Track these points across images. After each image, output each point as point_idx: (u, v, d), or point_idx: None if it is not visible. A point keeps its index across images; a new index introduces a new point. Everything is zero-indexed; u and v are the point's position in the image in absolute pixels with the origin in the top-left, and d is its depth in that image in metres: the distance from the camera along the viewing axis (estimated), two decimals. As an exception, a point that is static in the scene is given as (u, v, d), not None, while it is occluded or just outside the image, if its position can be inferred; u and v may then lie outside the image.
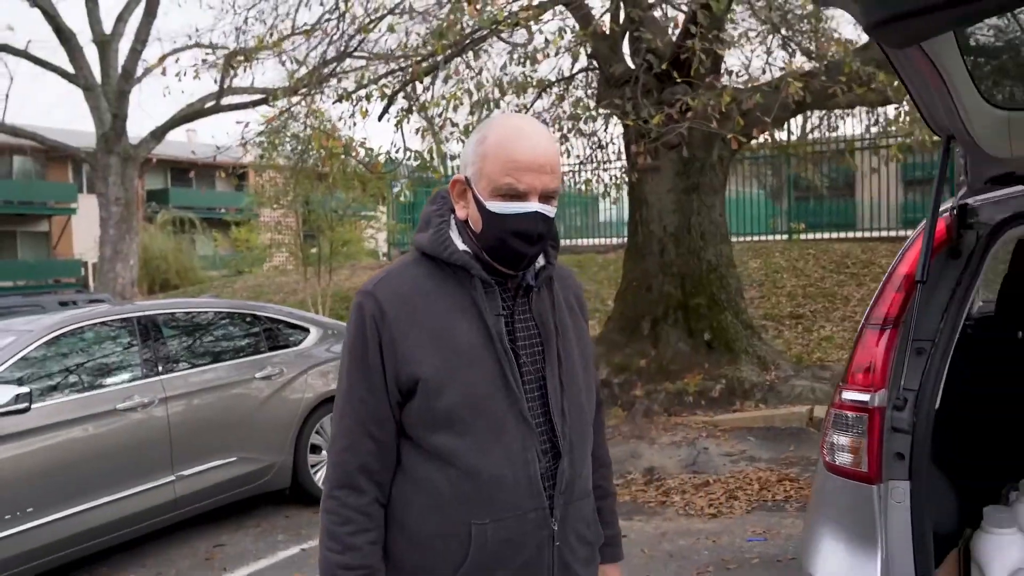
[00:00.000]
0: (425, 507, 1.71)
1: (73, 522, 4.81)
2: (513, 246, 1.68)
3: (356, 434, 1.71)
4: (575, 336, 1.82)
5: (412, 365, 1.66)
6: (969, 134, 2.13)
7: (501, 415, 1.68)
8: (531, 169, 1.65)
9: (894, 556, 1.98)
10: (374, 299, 1.70)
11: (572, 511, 1.76)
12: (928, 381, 2.01)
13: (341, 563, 1.70)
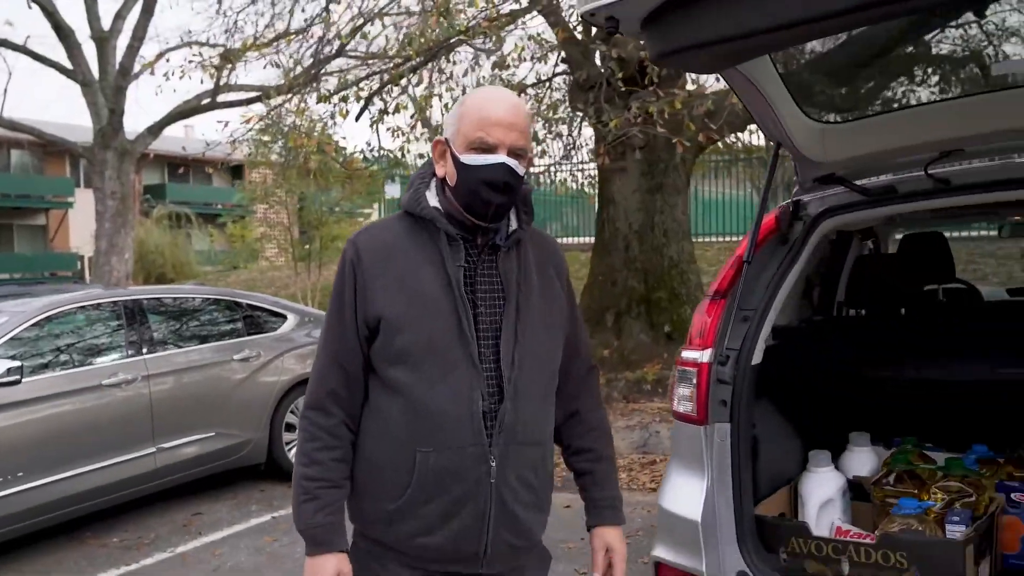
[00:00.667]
0: (379, 434, 1.88)
1: (60, 487, 5.19)
2: (483, 195, 1.82)
3: (329, 364, 1.91)
4: (544, 298, 1.94)
5: (377, 305, 1.85)
6: (793, 143, 2.58)
7: (452, 356, 1.83)
8: (500, 125, 1.81)
9: (717, 484, 2.43)
10: (354, 246, 1.90)
11: (513, 453, 1.86)
12: (747, 342, 2.45)
13: (307, 475, 1.88)
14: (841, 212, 2.63)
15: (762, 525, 2.50)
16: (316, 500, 1.87)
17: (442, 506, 1.84)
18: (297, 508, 1.90)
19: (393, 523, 1.88)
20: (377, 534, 1.92)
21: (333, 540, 1.88)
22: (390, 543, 1.90)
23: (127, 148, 16.20)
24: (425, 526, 1.86)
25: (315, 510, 1.86)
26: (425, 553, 1.88)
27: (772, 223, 2.65)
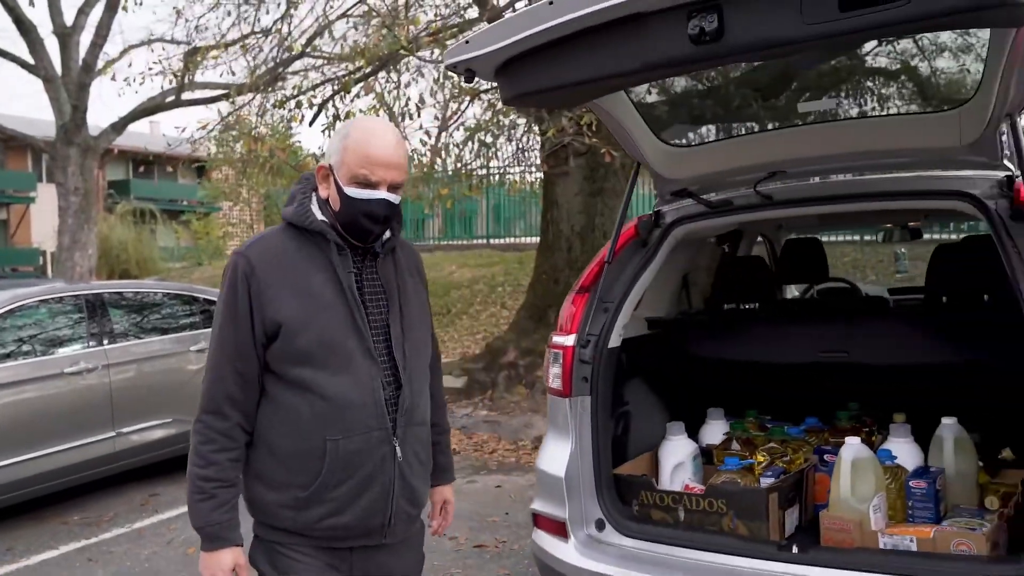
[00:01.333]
0: (288, 428, 2.01)
1: (24, 467, 5.58)
2: (363, 224, 2.01)
3: (224, 369, 2.00)
4: (414, 295, 2.17)
5: (275, 311, 1.98)
6: (649, 163, 3.09)
7: (351, 352, 2.00)
8: (382, 165, 1.98)
9: (580, 446, 2.93)
10: (246, 258, 2.02)
11: (410, 433, 2.08)
12: (605, 329, 2.96)
13: (203, 475, 1.99)
14: (690, 221, 3.14)
15: (618, 481, 3.01)
16: (213, 499, 1.98)
17: (352, 487, 2.00)
18: (194, 507, 2.01)
19: (303, 509, 2.01)
20: (284, 523, 2.04)
21: (229, 536, 2.00)
22: (298, 529, 2.03)
23: (90, 144, 16.15)
24: (336, 508, 2.01)
25: (212, 508, 1.98)
26: (334, 533, 2.03)
27: (632, 230, 3.16)
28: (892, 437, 2.98)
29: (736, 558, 2.65)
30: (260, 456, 2.05)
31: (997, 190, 2.57)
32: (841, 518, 2.66)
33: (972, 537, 2.47)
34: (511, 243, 17.27)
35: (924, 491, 2.69)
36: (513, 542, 4.96)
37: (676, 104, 3.09)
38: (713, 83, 2.97)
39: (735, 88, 2.98)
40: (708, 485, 2.92)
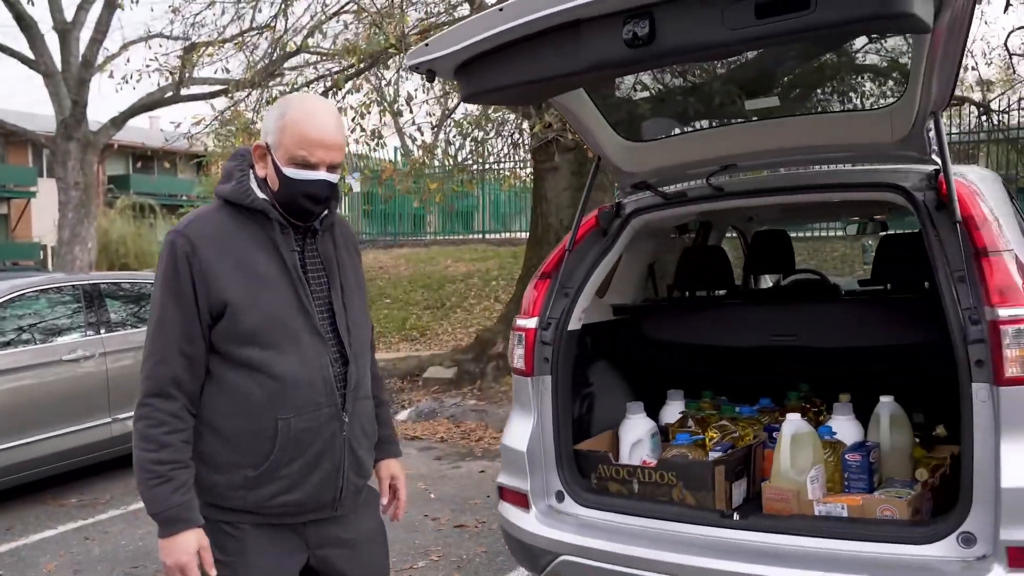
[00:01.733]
0: (236, 409, 1.98)
1: (24, 451, 5.78)
2: (304, 205, 2.00)
3: (168, 351, 1.96)
4: (352, 272, 2.17)
5: (220, 291, 1.95)
6: (609, 157, 3.29)
7: (298, 330, 1.99)
8: (321, 146, 1.96)
9: (542, 423, 3.12)
10: (186, 237, 1.97)
11: (358, 407, 2.10)
12: (565, 313, 3.14)
13: (155, 459, 1.93)
14: (648, 211, 3.33)
15: (578, 456, 3.21)
16: (171, 481, 1.92)
17: (303, 465, 2.00)
18: (149, 492, 1.93)
19: (254, 488, 1.99)
20: (234, 503, 2.01)
21: (190, 517, 1.95)
22: (249, 508, 2.01)
23: (90, 139, 16.27)
24: (287, 485, 2.00)
25: (171, 491, 1.92)
26: (286, 509, 2.03)
27: (593, 220, 3.36)
28: (835, 415, 3.18)
29: (684, 525, 2.85)
30: (205, 438, 2.00)
31: (925, 183, 2.76)
32: (781, 488, 2.85)
33: (896, 504, 2.67)
34: (506, 238, 17.44)
35: (859, 463, 2.88)
36: (492, 522, 5.15)
37: (634, 101, 3.28)
38: (669, 83, 3.16)
39: (690, 87, 3.17)
40: (660, 459, 3.12)
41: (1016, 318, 2.35)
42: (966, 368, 2.40)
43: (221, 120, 10.42)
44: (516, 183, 12.14)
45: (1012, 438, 2.33)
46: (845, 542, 2.57)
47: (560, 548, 2.94)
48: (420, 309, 13.54)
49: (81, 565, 4.76)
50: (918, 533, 2.50)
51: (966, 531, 2.39)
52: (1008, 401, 2.34)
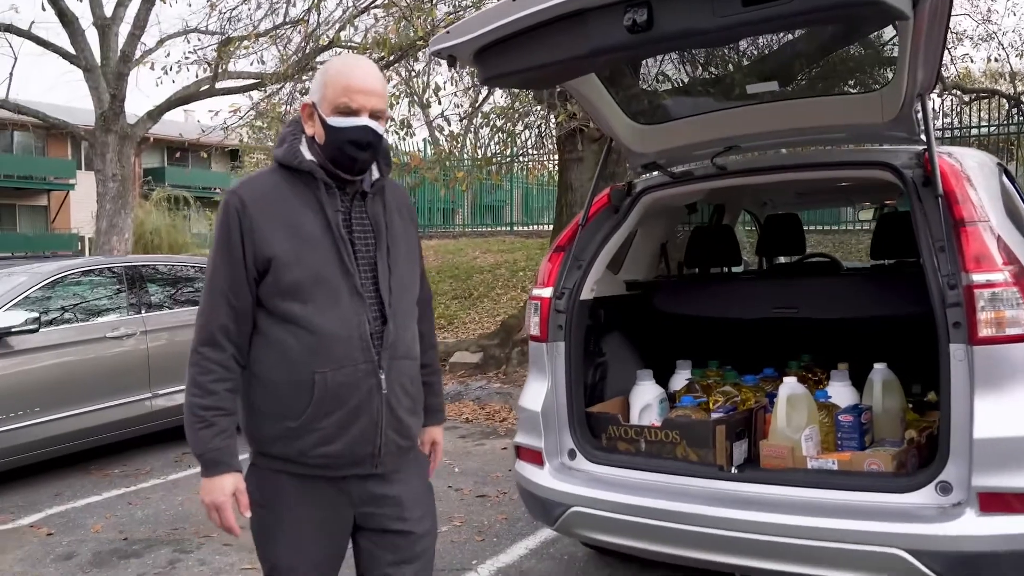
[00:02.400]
0: (278, 361, 2.06)
1: (70, 422, 6.10)
2: (348, 152, 2.05)
3: (218, 303, 2.06)
4: (402, 234, 2.22)
5: (266, 247, 2.04)
6: (620, 139, 3.51)
7: (338, 287, 2.06)
8: (362, 91, 2.04)
9: (556, 385, 3.35)
10: (238, 196, 2.07)
11: (396, 366, 2.13)
12: (578, 283, 3.37)
13: (201, 404, 2.05)
14: (657, 189, 3.55)
15: (590, 417, 3.44)
16: (213, 426, 2.04)
17: (340, 418, 2.06)
18: (194, 435, 2.06)
19: (295, 438, 2.07)
20: (279, 451, 2.10)
21: (230, 461, 2.06)
22: (292, 457, 2.09)
23: (128, 132, 16.61)
24: (325, 437, 2.07)
25: (212, 435, 2.04)
26: (326, 461, 2.09)
27: (605, 198, 3.58)
28: (832, 381, 3.38)
29: (686, 479, 3.07)
30: (254, 389, 2.10)
31: (914, 161, 2.96)
32: (777, 446, 3.07)
33: (881, 457, 2.87)
34: (534, 230, 17.66)
35: (851, 424, 3.08)
36: (513, 493, 5.38)
37: (643, 86, 3.50)
38: (676, 69, 3.37)
39: (695, 73, 3.38)
40: (664, 419, 3.34)
41: (990, 283, 2.54)
42: (944, 330, 2.60)
43: (256, 112, 10.71)
44: (542, 173, 12.33)
45: (984, 394, 2.52)
46: (833, 492, 2.78)
47: (571, 500, 3.17)
48: (448, 299, 13.80)
49: (125, 526, 5.06)
50: (900, 483, 2.71)
51: (943, 480, 2.59)
52: (981, 360, 2.53)
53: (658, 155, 3.57)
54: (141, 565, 4.40)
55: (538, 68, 2.68)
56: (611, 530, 3.10)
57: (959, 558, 2.47)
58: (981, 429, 2.50)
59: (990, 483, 2.48)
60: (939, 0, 2.43)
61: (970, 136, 15.19)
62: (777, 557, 2.74)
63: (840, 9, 2.10)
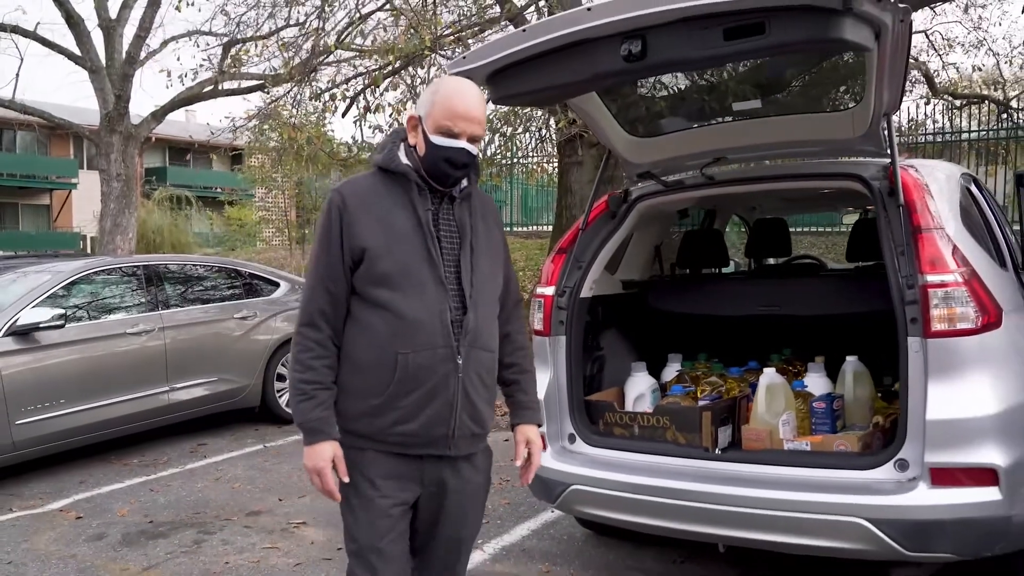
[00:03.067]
0: (366, 343, 2.26)
1: (92, 414, 6.41)
2: (444, 169, 2.27)
3: (318, 288, 2.28)
4: (484, 235, 2.39)
5: (361, 239, 2.24)
6: (618, 150, 3.84)
7: (424, 278, 2.25)
8: (465, 118, 2.25)
9: (558, 375, 3.68)
10: (340, 194, 2.30)
11: (474, 355, 2.29)
12: (579, 282, 3.70)
13: (302, 379, 2.26)
14: (651, 197, 3.88)
15: (588, 405, 3.76)
16: (313, 399, 2.25)
17: (418, 397, 2.23)
18: (296, 407, 2.27)
19: (377, 416, 2.25)
20: (361, 428, 2.28)
21: (328, 430, 2.26)
22: (372, 434, 2.28)
23: (132, 132, 16.76)
24: (404, 415, 2.24)
25: (313, 407, 2.25)
26: (404, 439, 2.27)
27: (604, 204, 3.92)
28: (809, 373, 3.72)
29: (675, 459, 3.40)
30: (344, 369, 2.29)
31: (881, 173, 3.29)
32: (757, 430, 3.40)
33: (848, 439, 3.20)
34: (533, 231, 17.97)
35: (823, 410, 3.41)
36: (515, 480, 5.71)
37: (639, 103, 3.83)
38: (669, 87, 3.70)
39: (687, 91, 3.71)
40: (656, 406, 3.67)
41: (943, 283, 2.87)
42: (903, 325, 2.93)
43: (262, 115, 11.04)
44: (542, 176, 12.67)
45: (937, 381, 2.85)
46: (806, 469, 3.11)
47: (570, 479, 3.49)
48: (449, 298, 14.11)
49: (149, 511, 5.38)
50: (864, 461, 3.04)
51: (901, 458, 2.92)
52: (934, 351, 2.86)
53: (652, 165, 3.91)
54: (168, 544, 4.72)
55: (545, 90, 3.02)
56: (606, 506, 3.42)
57: (912, 525, 2.80)
58: (933, 412, 2.83)
59: (940, 459, 2.80)
60: (899, 33, 2.76)
61: (960, 141, 15.57)
62: (755, 527, 3.06)
63: (809, 44, 2.43)
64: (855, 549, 2.93)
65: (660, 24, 2.59)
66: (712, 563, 4.04)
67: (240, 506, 5.41)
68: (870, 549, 2.89)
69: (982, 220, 3.97)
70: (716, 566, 4.02)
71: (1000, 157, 15.41)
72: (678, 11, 2.51)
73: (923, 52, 15.86)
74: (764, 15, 2.42)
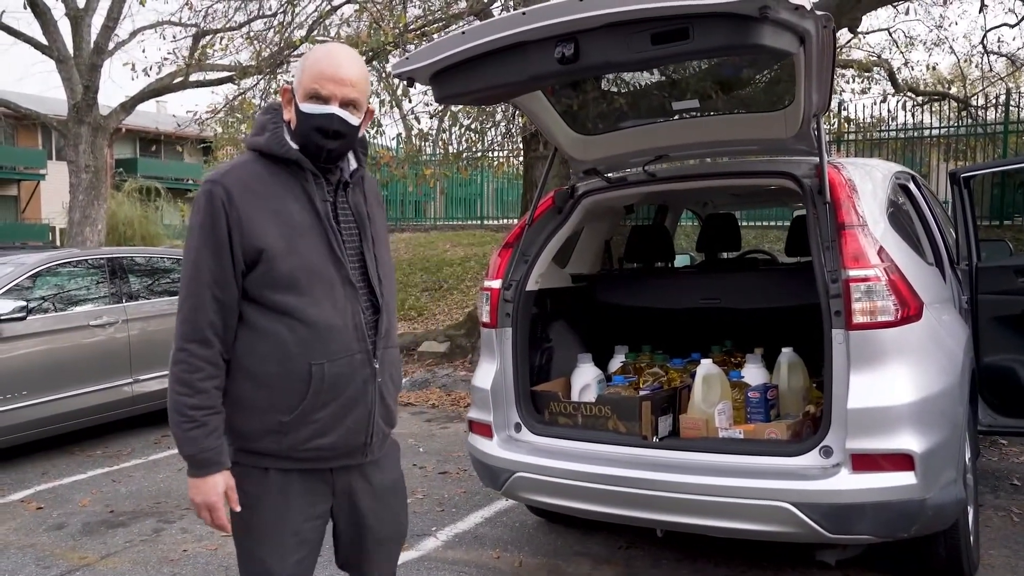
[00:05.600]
0: (269, 353, 2.02)
1: (54, 406, 6.45)
2: (315, 140, 2.03)
3: (203, 296, 1.99)
4: (380, 224, 2.24)
5: (256, 238, 1.99)
6: (563, 148, 3.95)
7: (331, 278, 2.05)
8: (333, 80, 2.01)
9: (504, 367, 3.78)
10: (222, 186, 2.01)
11: (387, 355, 2.17)
12: (525, 275, 3.80)
13: (191, 404, 1.98)
14: (596, 193, 3.99)
15: (534, 395, 3.87)
16: (204, 427, 1.99)
17: (336, 409, 2.06)
18: (184, 436, 2.00)
19: (287, 432, 2.04)
20: (265, 447, 2.06)
21: (221, 459, 2.02)
22: (280, 452, 2.06)
23: (101, 123, 16.63)
24: (320, 429, 2.05)
25: (205, 435, 1.99)
26: (319, 454, 2.08)
27: (550, 200, 4.02)
28: (747, 364, 3.85)
29: (615, 447, 3.52)
30: (240, 384, 2.04)
31: (812, 171, 3.42)
32: (694, 419, 3.53)
33: (779, 428, 3.34)
34: (503, 224, 18.06)
35: (758, 400, 3.55)
36: (471, 471, 5.83)
37: (584, 102, 3.93)
38: (612, 87, 3.81)
39: (628, 91, 3.82)
40: (598, 396, 3.79)
41: (865, 278, 3.01)
42: (828, 317, 3.06)
43: (230, 107, 11.04)
44: (508, 170, 12.77)
45: (858, 371, 2.99)
46: (737, 456, 3.24)
47: (516, 467, 3.61)
48: (418, 291, 14.19)
49: (111, 501, 5.44)
50: (791, 448, 3.17)
51: (826, 445, 3.06)
52: (856, 342, 3.00)
53: (596, 162, 4.02)
54: (128, 533, 4.79)
55: (485, 90, 3.12)
56: (549, 492, 3.54)
57: (833, 509, 2.93)
58: (854, 401, 2.97)
59: (860, 446, 2.94)
60: (823, 39, 2.89)
61: (922, 137, 15.85)
62: (689, 512, 3.19)
63: (730, 49, 2.55)
64: (781, 532, 3.06)
65: (591, 28, 2.70)
66: (654, 548, 4.18)
67: (200, 496, 5.48)
68: (795, 532, 3.02)
69: (917, 217, 4.13)
70: (657, 551, 4.16)
71: (962, 154, 15.69)
72: (606, 16, 2.62)
73: (886, 49, 16.12)
74: (687, 21, 2.54)
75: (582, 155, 4.01)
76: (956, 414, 3.24)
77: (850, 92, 14.88)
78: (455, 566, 4.12)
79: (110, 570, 4.25)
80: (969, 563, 3.48)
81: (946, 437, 3.07)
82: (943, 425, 3.08)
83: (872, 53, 15.97)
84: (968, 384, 3.52)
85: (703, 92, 3.65)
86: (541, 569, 4.07)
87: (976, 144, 15.50)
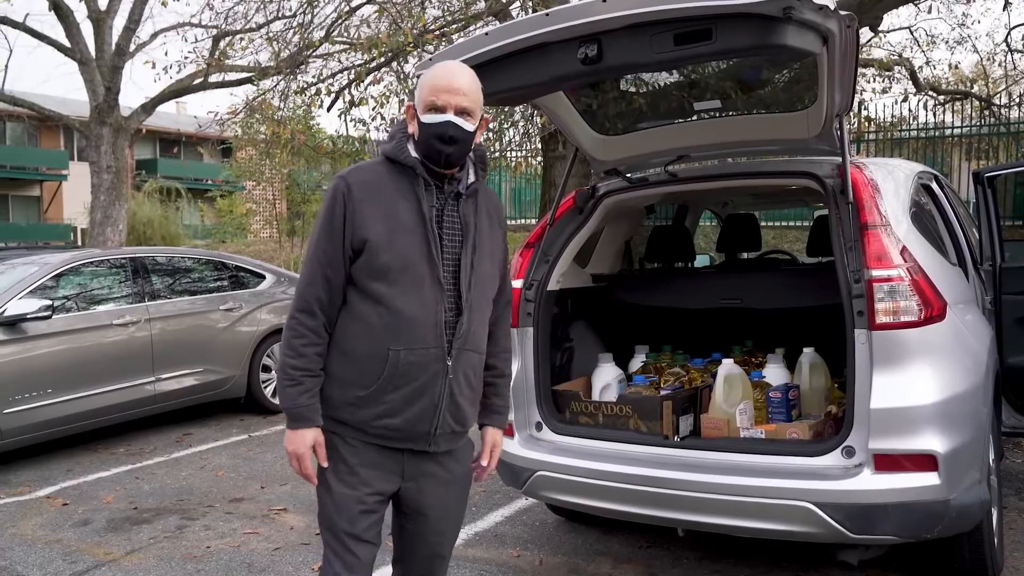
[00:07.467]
0: (359, 334, 2.27)
1: (78, 404, 6.53)
2: (435, 146, 2.24)
3: (316, 274, 2.27)
4: (488, 237, 2.39)
5: (364, 230, 2.23)
6: (585, 148, 3.96)
7: (422, 275, 2.25)
8: (447, 91, 2.24)
9: (525, 366, 3.80)
10: (345, 181, 2.28)
11: (463, 357, 2.32)
12: (546, 275, 3.81)
13: (293, 365, 2.26)
14: (617, 193, 4.00)
15: (555, 394, 3.88)
16: (300, 385, 2.26)
17: (405, 393, 2.26)
18: (283, 391, 2.28)
19: (361, 407, 2.27)
20: (344, 416, 2.30)
21: (312, 417, 2.28)
22: (355, 423, 2.29)
23: (122, 124, 16.75)
24: (389, 410, 2.26)
25: (299, 393, 2.26)
26: (386, 432, 2.29)
27: (571, 200, 4.04)
28: (768, 364, 3.85)
29: (636, 446, 3.53)
30: (333, 357, 2.30)
31: (834, 171, 3.41)
32: (715, 419, 3.53)
33: (800, 428, 3.34)
34: (521, 224, 18.08)
35: (779, 400, 3.55)
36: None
37: (605, 102, 3.94)
38: (634, 87, 3.82)
39: (651, 91, 3.83)
40: (619, 395, 3.80)
41: (888, 278, 3.00)
42: (851, 318, 3.06)
43: (250, 108, 11.13)
44: (527, 169, 12.80)
45: (881, 371, 2.99)
46: (759, 456, 3.24)
47: (537, 465, 3.62)
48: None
49: (135, 498, 5.50)
50: (813, 448, 3.17)
51: (848, 445, 3.05)
52: (879, 343, 2.99)
53: (617, 162, 4.03)
54: (152, 530, 4.84)
55: (508, 91, 3.13)
56: (571, 491, 3.55)
57: (856, 509, 2.93)
58: (877, 400, 2.96)
59: (883, 446, 2.94)
60: (847, 39, 2.88)
61: (945, 137, 15.74)
62: (710, 512, 3.19)
63: (753, 49, 2.55)
64: (804, 532, 3.06)
65: (614, 29, 2.71)
66: (675, 547, 4.18)
67: (223, 493, 5.53)
68: (818, 532, 3.02)
69: (940, 217, 4.11)
70: (678, 550, 4.16)
71: (984, 153, 15.57)
72: (629, 17, 2.63)
73: (907, 48, 16.00)
74: (710, 22, 2.54)
75: (603, 155, 4.02)
76: (980, 415, 3.23)
77: (871, 91, 14.81)
78: (475, 564, 4.14)
79: (135, 566, 4.30)
80: (993, 565, 3.47)
81: (970, 438, 3.06)
82: (967, 426, 3.07)
83: (893, 52, 15.86)
84: (992, 385, 3.50)
85: (724, 92, 3.65)
86: (561, 568, 4.08)
87: (999, 143, 15.38)
